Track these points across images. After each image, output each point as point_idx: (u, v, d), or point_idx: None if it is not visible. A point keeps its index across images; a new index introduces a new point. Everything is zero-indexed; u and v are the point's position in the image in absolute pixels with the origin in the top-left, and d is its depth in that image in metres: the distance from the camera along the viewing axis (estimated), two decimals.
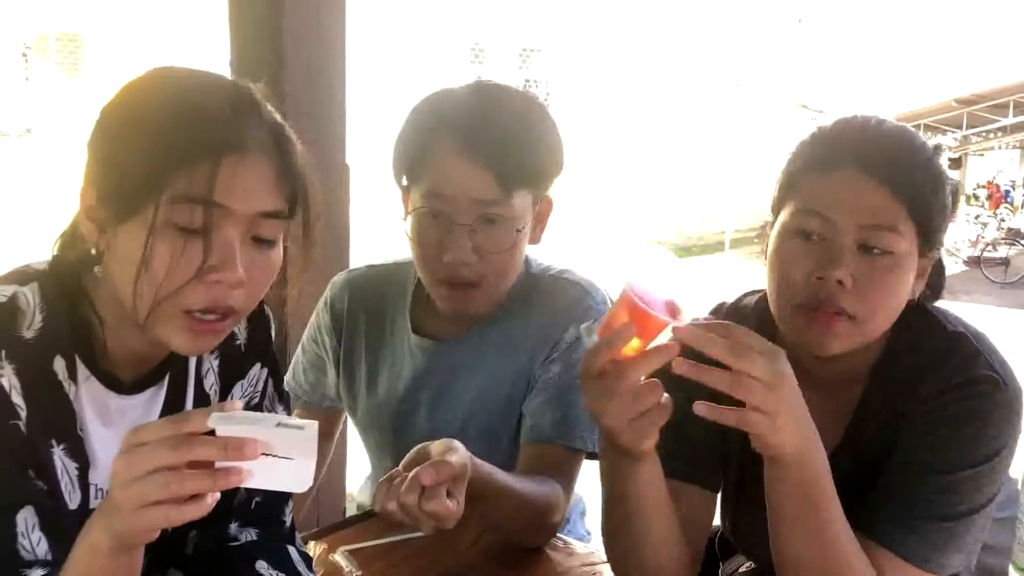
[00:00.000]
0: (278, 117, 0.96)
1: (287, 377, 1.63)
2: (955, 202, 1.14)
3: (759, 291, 1.25)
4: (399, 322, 1.48)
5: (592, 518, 1.67)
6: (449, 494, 1.04)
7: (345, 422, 1.69)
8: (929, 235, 1.09)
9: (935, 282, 1.16)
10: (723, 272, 11.28)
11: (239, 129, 0.90)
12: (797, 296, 1.07)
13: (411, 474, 1.03)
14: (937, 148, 1.11)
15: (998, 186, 20.41)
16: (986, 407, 1.05)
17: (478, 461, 1.13)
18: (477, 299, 1.34)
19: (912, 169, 1.07)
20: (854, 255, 1.05)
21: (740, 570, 1.36)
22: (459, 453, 1.07)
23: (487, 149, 1.26)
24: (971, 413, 1.04)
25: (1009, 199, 20.11)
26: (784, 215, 1.11)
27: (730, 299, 1.28)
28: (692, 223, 14.89)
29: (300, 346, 1.61)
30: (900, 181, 1.05)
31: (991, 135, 19.49)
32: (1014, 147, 26.37)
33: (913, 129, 1.12)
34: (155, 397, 1.00)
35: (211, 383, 1.06)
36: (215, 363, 1.07)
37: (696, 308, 1.25)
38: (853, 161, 1.07)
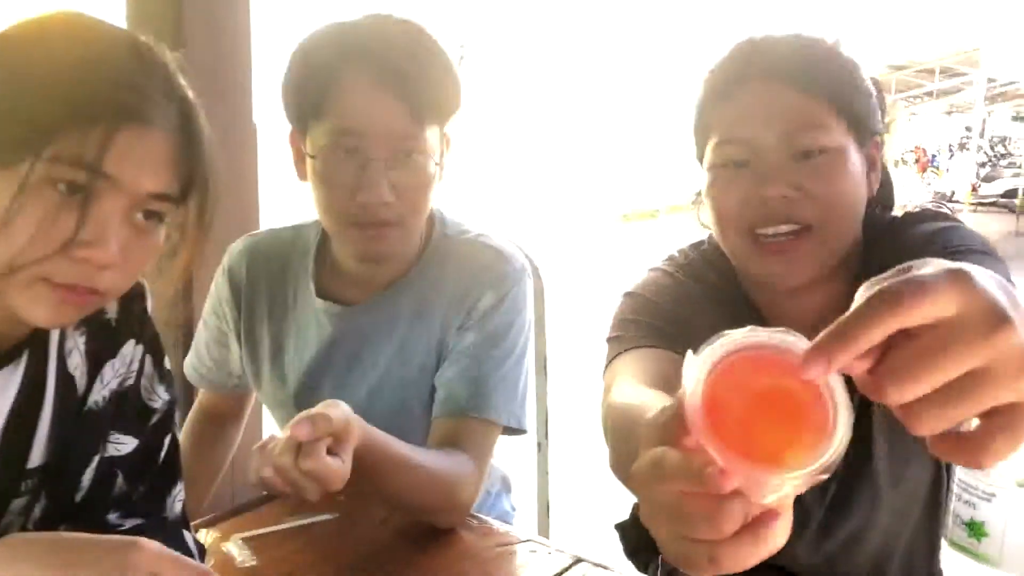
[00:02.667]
0: (190, 93, 0.87)
1: (190, 357, 1.52)
2: (882, 101, 1.08)
3: (701, 242, 1.19)
4: (302, 287, 1.38)
5: (518, 495, 1.60)
6: (332, 452, 0.94)
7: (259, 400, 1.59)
8: (859, 124, 1.02)
9: (885, 193, 1.11)
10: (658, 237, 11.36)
11: (147, 98, 0.82)
12: (744, 224, 1.01)
13: (285, 434, 0.94)
14: (837, 41, 1.05)
15: (924, 150, 20.87)
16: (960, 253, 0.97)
17: (373, 428, 1.04)
18: (392, 240, 1.24)
19: (818, 62, 1.01)
20: (789, 167, 0.99)
21: None
22: (341, 409, 0.97)
23: (400, 80, 1.16)
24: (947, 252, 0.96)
25: (935, 163, 20.59)
26: (708, 156, 1.05)
27: (678, 254, 1.21)
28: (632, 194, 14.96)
29: (202, 321, 1.50)
30: (811, 77, 0.99)
31: (918, 100, 19.84)
32: (942, 111, 26.98)
33: (805, 31, 1.06)
34: (10, 378, 0.89)
35: (76, 363, 0.94)
36: (81, 340, 0.95)
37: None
38: (755, 73, 1.01)
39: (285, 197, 1.45)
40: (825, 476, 0.47)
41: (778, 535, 0.48)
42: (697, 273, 1.15)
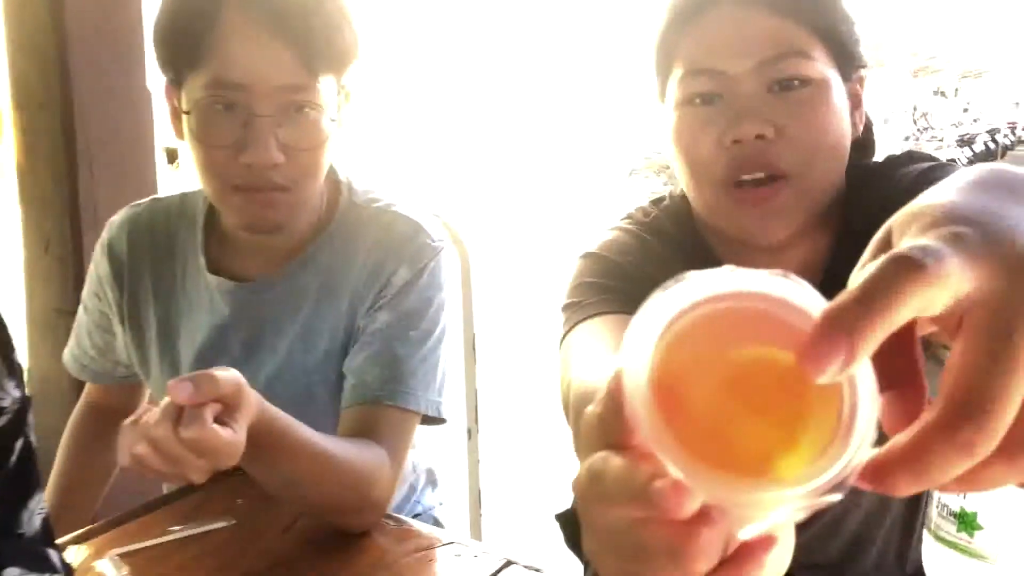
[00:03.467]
0: None
1: (70, 346, 1.35)
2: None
3: (662, 198, 1.06)
4: (191, 262, 1.22)
5: (446, 489, 1.47)
6: (221, 422, 0.80)
7: None
8: (844, 52, 0.91)
9: (866, 137, 0.98)
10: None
11: None
12: (716, 170, 0.88)
13: (163, 402, 0.80)
14: None
15: None
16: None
17: (272, 407, 0.90)
18: (283, 207, 1.08)
19: None
20: (766, 100, 0.87)
21: None
22: (231, 372, 0.83)
23: (287, 25, 1.01)
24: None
25: None
26: (672, 91, 0.92)
27: (637, 212, 1.07)
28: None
29: (81, 305, 1.33)
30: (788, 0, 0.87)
31: None
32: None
33: None
34: None
35: None
36: None
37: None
38: None
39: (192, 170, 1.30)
40: (835, 497, 0.33)
41: (773, 572, 0.35)
42: (662, 230, 1.02)
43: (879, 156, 1.02)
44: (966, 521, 0.62)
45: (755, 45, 0.87)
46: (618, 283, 0.95)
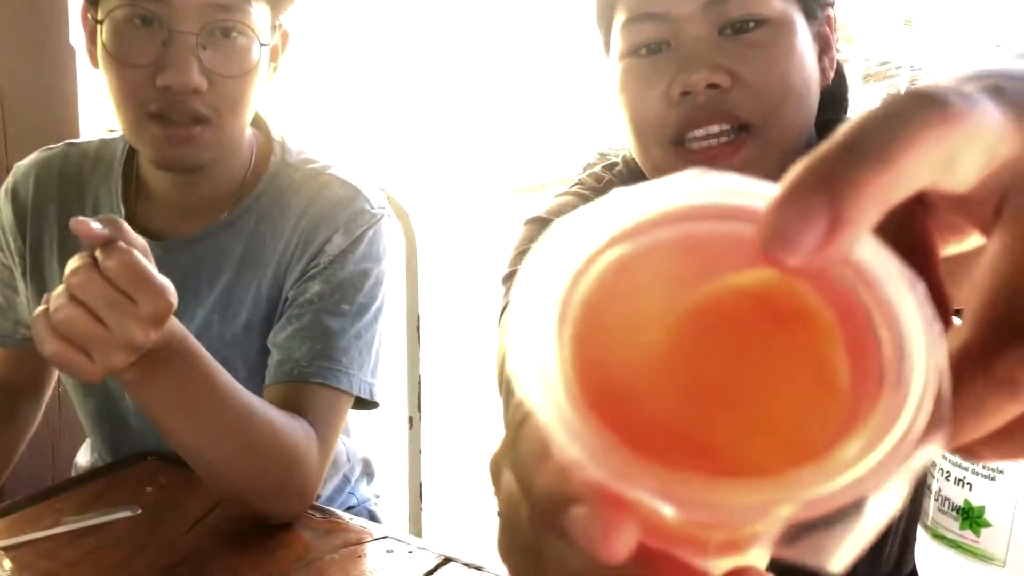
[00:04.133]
0: None
1: None
2: None
3: (615, 163, 0.98)
4: (104, 211, 1.10)
5: (382, 482, 1.37)
6: None
7: None
8: None
9: (838, 87, 0.89)
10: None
11: None
12: (665, 129, 0.79)
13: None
14: None
15: None
16: None
17: (199, 345, 0.84)
18: (203, 143, 0.98)
19: None
20: (717, 44, 0.77)
21: None
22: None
23: None
24: None
25: None
26: (615, 43, 0.83)
27: (588, 177, 0.98)
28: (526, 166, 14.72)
29: None
30: None
31: None
32: None
33: None
34: None
35: None
36: None
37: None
38: None
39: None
40: (863, 496, 0.21)
41: None
42: (602, 189, 0.93)
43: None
44: (971, 517, 0.54)
45: None
46: None
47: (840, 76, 0.90)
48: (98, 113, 1.85)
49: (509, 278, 0.89)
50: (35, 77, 1.74)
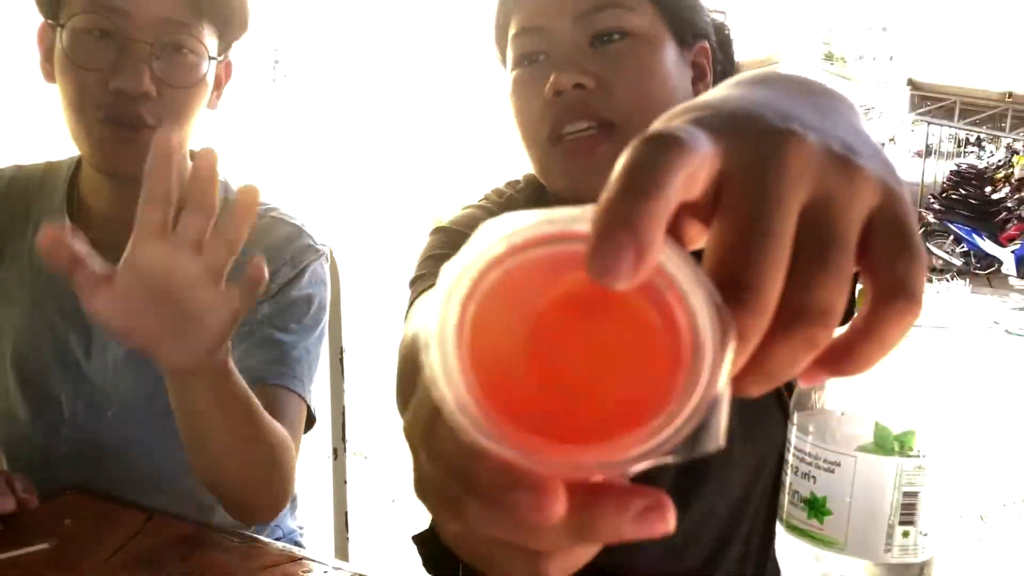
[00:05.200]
0: None
1: None
2: (728, 43, 1.03)
3: (517, 180, 1.09)
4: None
5: (306, 513, 1.40)
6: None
7: None
8: (672, 13, 0.92)
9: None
10: None
11: None
12: (543, 126, 0.90)
13: None
14: None
15: None
16: None
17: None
18: (146, 148, 1.02)
19: None
20: (586, 53, 0.89)
21: None
22: None
23: None
24: None
25: None
26: (508, 58, 0.94)
27: (492, 193, 1.09)
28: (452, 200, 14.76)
29: None
30: None
31: None
32: None
33: None
34: None
35: None
36: None
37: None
38: None
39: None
40: (671, 457, 0.29)
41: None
42: (514, 208, 1.00)
43: None
44: (816, 507, 0.60)
45: (573, 1, 0.89)
46: None
47: None
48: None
49: (415, 281, 0.96)
50: None
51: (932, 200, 12.36)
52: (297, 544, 1.32)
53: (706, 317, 0.29)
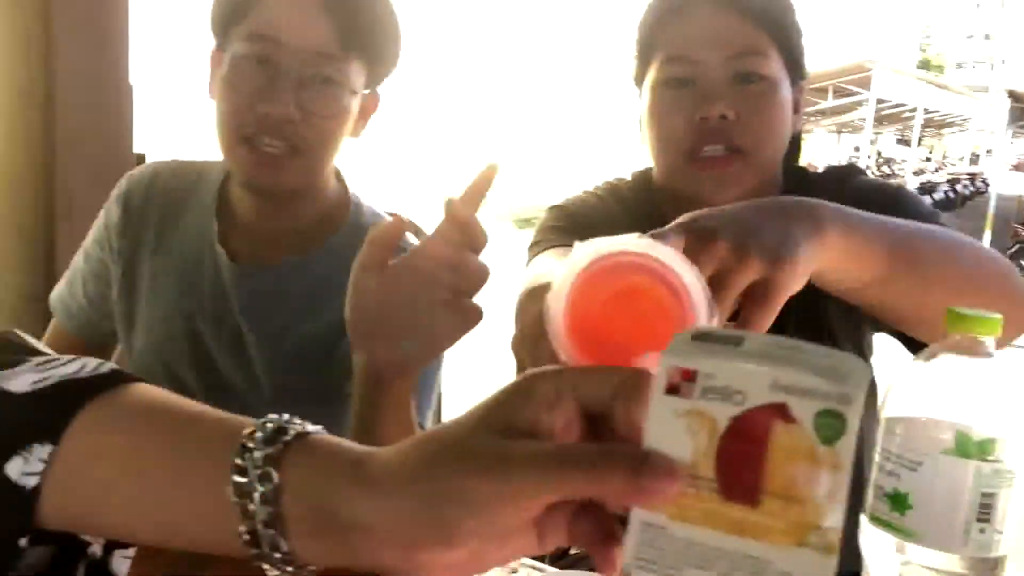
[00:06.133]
0: None
1: (59, 289, 1.34)
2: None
3: (622, 179, 1.25)
4: (198, 228, 1.22)
5: None
6: None
7: None
8: (794, 62, 1.10)
9: (796, 141, 1.17)
10: None
11: None
12: (683, 143, 1.06)
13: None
14: None
15: (816, 168, 21.66)
16: (909, 195, 1.12)
17: None
18: (287, 170, 1.10)
19: None
20: (731, 88, 1.06)
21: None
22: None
23: None
24: (897, 201, 1.06)
25: None
26: (651, 74, 1.10)
27: (603, 184, 1.26)
28: (531, 195, 14.89)
29: (82, 251, 1.32)
30: (758, 9, 1.08)
31: (811, 118, 20.60)
32: (831, 131, 28.07)
33: None
34: None
35: None
36: None
37: None
38: (705, 1, 1.08)
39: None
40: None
41: None
42: (622, 197, 1.22)
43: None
44: (899, 502, 0.66)
45: (726, 42, 1.06)
46: (573, 228, 1.14)
47: (797, 134, 1.18)
48: (151, 153, 2.00)
49: (533, 246, 1.16)
50: (96, 113, 1.88)
51: None
52: None
53: (702, 302, 0.50)
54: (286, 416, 0.48)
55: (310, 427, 0.48)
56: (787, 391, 0.38)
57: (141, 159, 2.03)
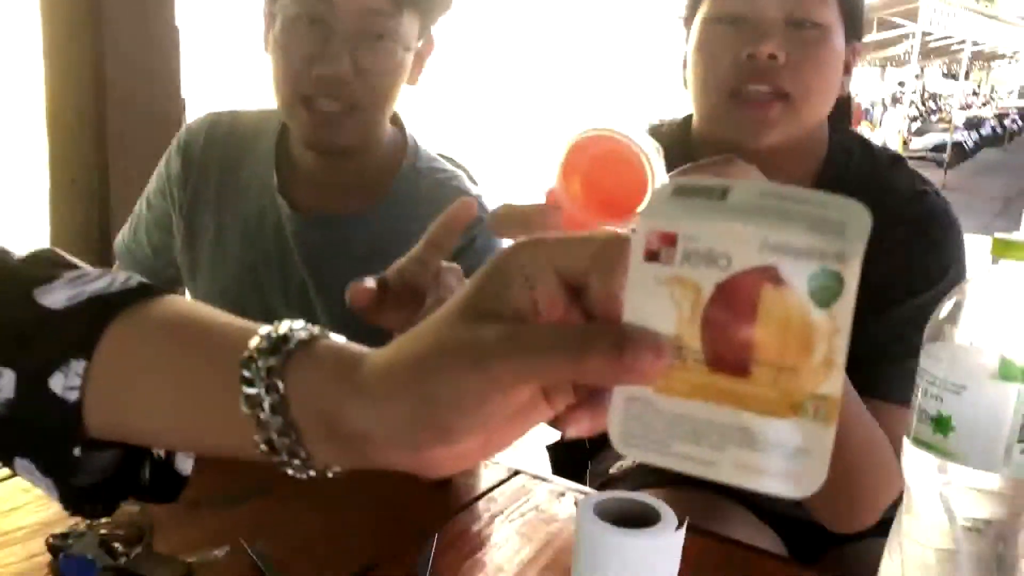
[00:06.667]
0: None
1: (123, 236, 1.38)
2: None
3: (666, 120, 1.24)
4: (259, 175, 1.25)
5: None
6: None
7: None
8: (850, 16, 1.07)
9: (846, 103, 1.14)
10: None
11: None
12: (729, 81, 1.03)
13: None
14: None
15: (859, 103, 21.17)
16: (937, 225, 1.05)
17: None
18: (345, 128, 1.13)
19: None
20: (783, 30, 1.02)
21: (615, 468, 1.26)
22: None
23: None
24: (925, 232, 1.03)
25: (869, 117, 20.91)
26: (702, 10, 1.08)
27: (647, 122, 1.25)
28: None
29: (144, 200, 1.36)
30: None
31: None
32: (875, 65, 27.34)
33: None
34: None
35: None
36: None
37: None
38: None
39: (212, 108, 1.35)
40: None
41: None
42: (658, 134, 1.19)
43: (888, 133, 1.17)
44: (942, 424, 0.69)
45: None
46: None
47: (847, 97, 1.15)
48: (199, 94, 2.02)
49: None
50: (140, 57, 1.90)
51: None
52: None
53: (660, 175, 0.63)
54: (297, 323, 0.47)
55: (316, 331, 0.47)
56: (777, 251, 0.35)
57: (184, 105, 2.06)
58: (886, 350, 0.98)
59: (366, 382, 0.43)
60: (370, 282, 0.80)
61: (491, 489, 1.04)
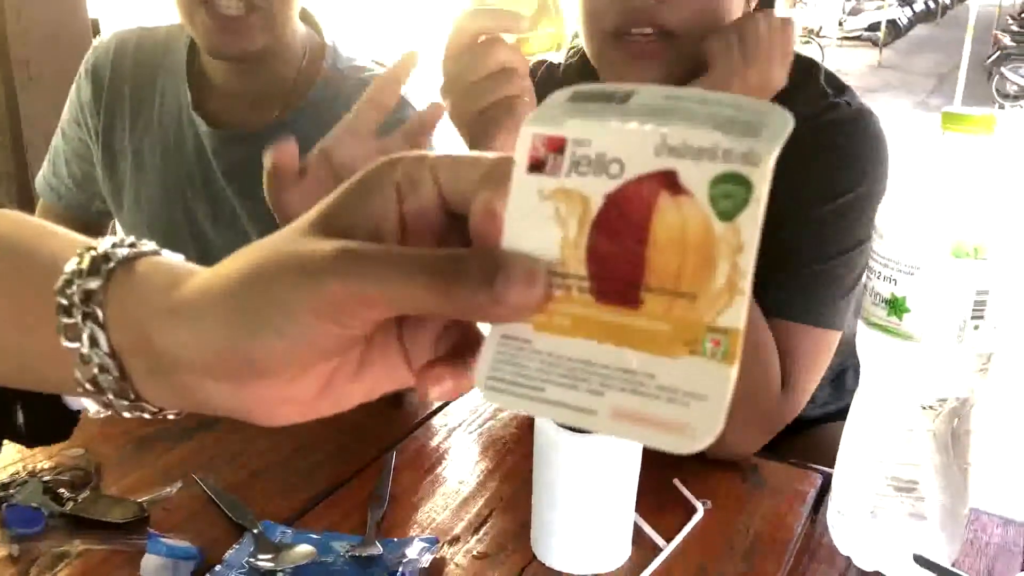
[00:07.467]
0: None
1: (44, 172, 1.31)
2: None
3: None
4: (171, 92, 1.18)
5: None
6: None
7: None
8: None
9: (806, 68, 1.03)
10: None
11: None
12: (608, 22, 0.96)
13: None
14: None
15: None
16: (844, 136, 0.98)
17: None
18: (250, 29, 1.06)
19: None
20: None
21: None
22: None
23: None
24: (828, 144, 0.97)
25: None
26: None
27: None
28: None
29: (58, 131, 1.29)
30: None
31: None
32: None
33: None
34: None
35: None
36: None
37: None
38: None
39: None
40: None
41: None
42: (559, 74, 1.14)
43: (819, 19, 1.09)
44: (896, 306, 0.68)
45: None
46: None
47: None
48: (105, 19, 1.90)
49: None
50: (53, 23, 1.77)
51: (1011, 22, 11.77)
52: None
53: None
54: (128, 239, 0.40)
55: (146, 247, 0.40)
56: (676, 153, 0.29)
57: (95, 25, 1.95)
58: (781, 265, 0.93)
59: (186, 297, 0.36)
60: (292, 144, 0.75)
61: (447, 404, 1.03)
